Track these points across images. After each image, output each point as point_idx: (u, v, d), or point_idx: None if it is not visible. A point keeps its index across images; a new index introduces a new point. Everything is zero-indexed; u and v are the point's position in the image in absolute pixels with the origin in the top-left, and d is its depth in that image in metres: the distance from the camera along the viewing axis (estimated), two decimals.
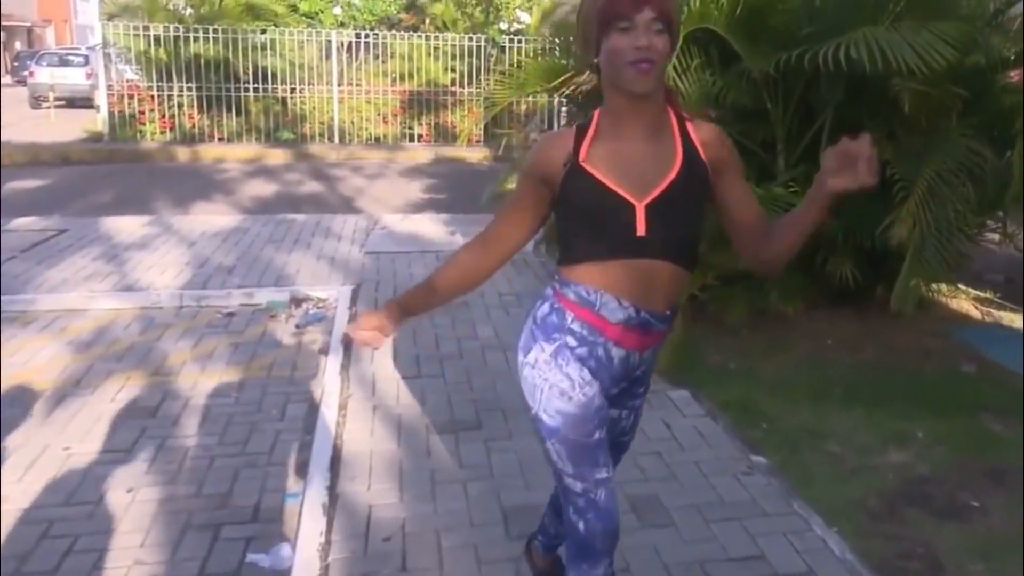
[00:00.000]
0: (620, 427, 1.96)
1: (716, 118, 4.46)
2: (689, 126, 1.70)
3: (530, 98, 10.31)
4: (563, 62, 5.07)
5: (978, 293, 5.77)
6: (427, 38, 13.73)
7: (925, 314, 5.24)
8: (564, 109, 5.96)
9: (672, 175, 1.65)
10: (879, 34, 3.76)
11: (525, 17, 14.37)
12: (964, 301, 5.61)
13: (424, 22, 15.08)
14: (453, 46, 13.56)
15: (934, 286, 5.46)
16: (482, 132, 12.96)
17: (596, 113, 1.71)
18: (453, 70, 13.58)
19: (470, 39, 13.57)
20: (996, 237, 5.70)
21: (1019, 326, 5.16)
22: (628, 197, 1.64)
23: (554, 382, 1.73)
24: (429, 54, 13.59)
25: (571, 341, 1.72)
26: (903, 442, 3.53)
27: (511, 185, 5.39)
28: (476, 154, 12.60)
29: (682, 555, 2.59)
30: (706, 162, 1.69)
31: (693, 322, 4.42)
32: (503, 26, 14.31)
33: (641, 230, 1.64)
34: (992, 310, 5.45)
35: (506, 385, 3.92)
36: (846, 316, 5.00)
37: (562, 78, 4.90)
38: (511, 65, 9.71)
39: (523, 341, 1.80)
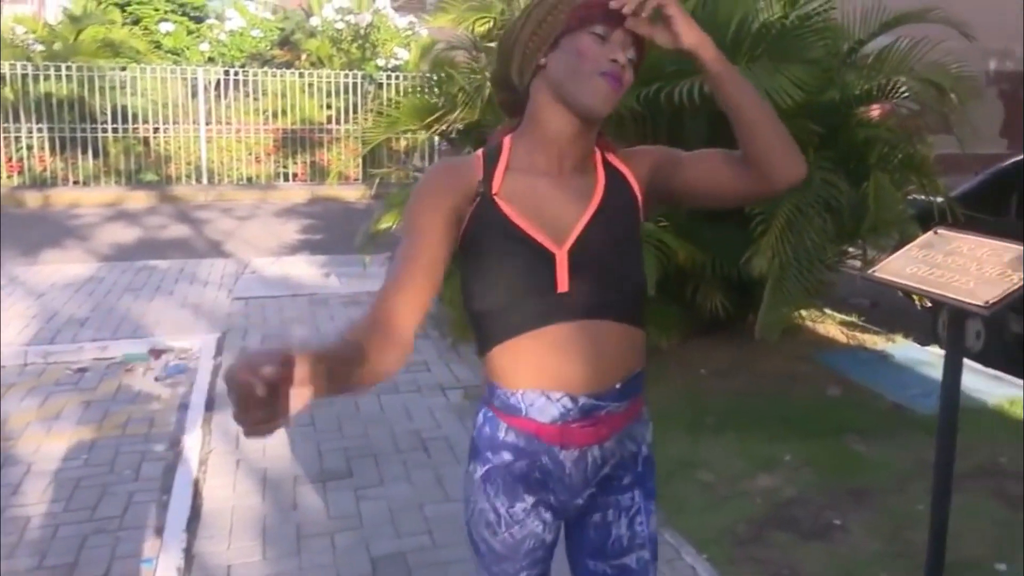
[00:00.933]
0: (614, 538, 1.52)
1: None
2: (610, 157, 1.48)
3: (409, 135, 10.43)
4: (435, 101, 5.18)
5: (844, 317, 6.18)
6: (302, 75, 13.68)
7: (793, 340, 5.57)
8: (444, 147, 6.05)
9: (592, 210, 1.40)
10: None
11: (403, 53, 14.51)
12: (831, 326, 5.99)
13: (300, 58, 15.01)
14: (329, 82, 13.54)
15: (801, 312, 5.83)
16: (360, 170, 12.94)
17: (506, 140, 1.43)
18: (329, 107, 13.55)
19: (347, 76, 13.60)
20: (859, 263, 6.14)
21: (882, 348, 5.55)
22: (545, 243, 1.36)
23: (482, 508, 1.47)
24: (304, 91, 13.52)
25: (507, 456, 1.43)
26: (772, 467, 3.73)
27: (386, 224, 5.42)
28: (354, 192, 12.55)
29: None
30: (635, 188, 1.46)
31: None
32: (380, 62, 14.40)
33: (563, 284, 1.35)
34: (857, 333, 5.84)
35: (379, 430, 3.91)
36: (719, 345, 5.25)
37: (435, 116, 5.00)
38: (389, 101, 9.80)
39: (469, 446, 1.54)
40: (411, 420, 4.06)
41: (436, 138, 6.05)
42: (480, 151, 1.44)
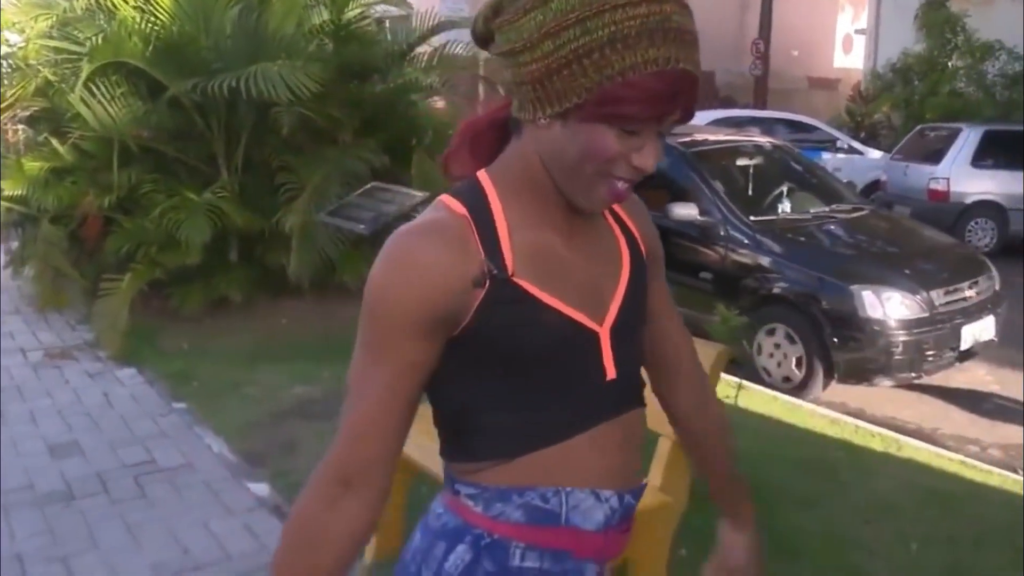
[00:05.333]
0: None
1: (150, 138, 5.56)
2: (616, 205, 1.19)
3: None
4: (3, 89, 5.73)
5: None
6: None
7: None
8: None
9: (626, 275, 1.15)
10: (263, 70, 5.12)
11: (15, 38, 14.01)
12: None
13: None
14: None
15: None
16: None
17: (487, 184, 1.08)
18: None
19: None
20: None
21: None
22: (586, 323, 1.09)
23: None
24: None
25: None
26: (311, 381, 4.88)
27: None
28: None
29: (83, 471, 3.58)
30: (644, 253, 1.21)
31: (150, 313, 5.41)
32: None
33: (611, 370, 1.12)
34: None
35: None
36: (311, 299, 6.29)
37: (7, 103, 5.58)
38: None
39: None
40: None
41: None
42: (455, 202, 1.07)
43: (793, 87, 20.83)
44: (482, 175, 1.09)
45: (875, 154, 12.16)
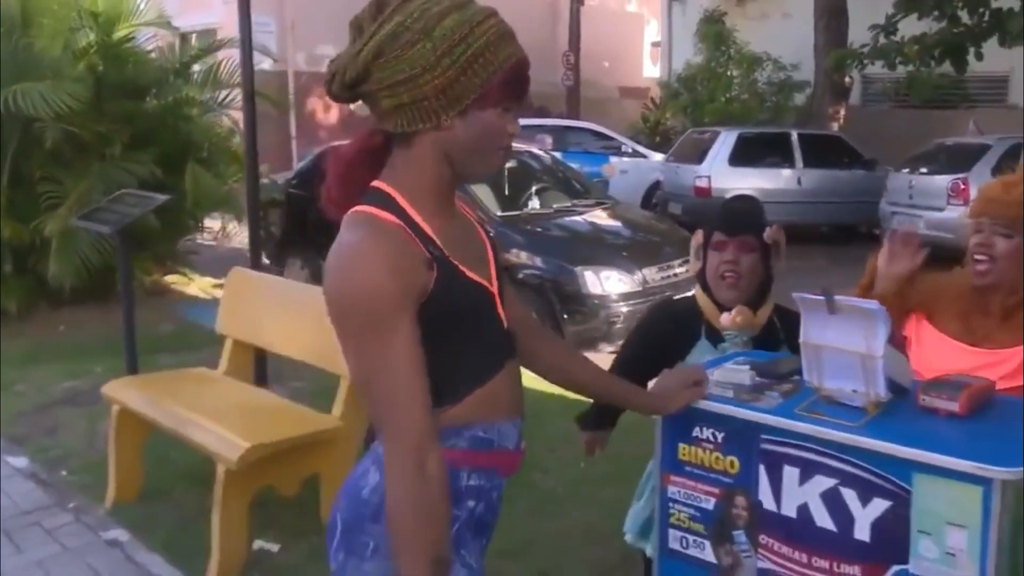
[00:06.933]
0: None
1: None
2: (458, 201, 1.53)
3: None
4: None
5: (214, 280, 8.11)
6: None
7: (163, 299, 7.40)
8: None
9: (491, 247, 1.53)
10: (24, 89, 5.60)
11: None
12: (197, 287, 7.91)
13: None
14: None
15: (167, 278, 7.69)
16: None
17: (394, 193, 1.39)
18: None
19: None
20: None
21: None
22: (487, 286, 1.46)
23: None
24: None
25: (471, 504, 1.46)
26: (80, 376, 5.39)
27: None
28: None
29: None
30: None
31: None
32: None
33: (505, 321, 1.49)
34: (216, 292, 7.81)
35: None
36: (91, 306, 6.72)
37: None
38: None
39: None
40: None
41: None
42: (381, 211, 1.36)
43: (605, 96, 22.22)
44: (385, 187, 1.39)
45: (658, 157, 13.56)
